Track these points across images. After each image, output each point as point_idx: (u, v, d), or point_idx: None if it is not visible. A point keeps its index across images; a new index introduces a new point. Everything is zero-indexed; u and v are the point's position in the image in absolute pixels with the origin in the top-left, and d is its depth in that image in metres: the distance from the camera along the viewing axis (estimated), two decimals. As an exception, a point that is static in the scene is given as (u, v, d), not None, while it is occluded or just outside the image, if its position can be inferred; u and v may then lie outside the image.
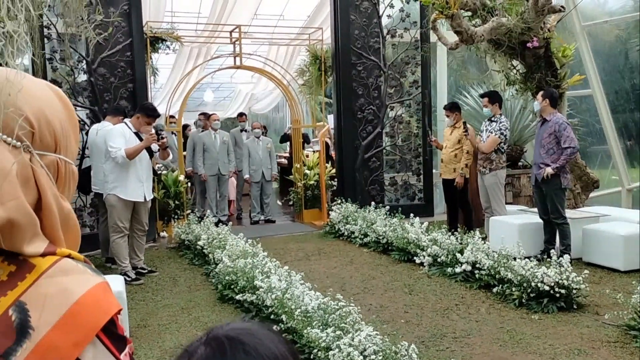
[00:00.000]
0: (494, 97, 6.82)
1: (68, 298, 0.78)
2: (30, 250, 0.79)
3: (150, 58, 8.59)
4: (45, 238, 0.82)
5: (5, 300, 0.76)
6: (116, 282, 4.34)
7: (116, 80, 7.50)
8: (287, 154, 11.62)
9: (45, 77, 6.64)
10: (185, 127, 10.59)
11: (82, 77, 7.41)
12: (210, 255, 6.09)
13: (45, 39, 6.84)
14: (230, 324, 0.83)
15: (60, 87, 7.10)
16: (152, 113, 5.98)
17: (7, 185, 0.78)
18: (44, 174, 0.83)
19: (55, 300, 0.77)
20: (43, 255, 0.80)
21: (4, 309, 0.76)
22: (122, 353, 0.82)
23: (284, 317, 4.03)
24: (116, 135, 5.79)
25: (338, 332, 3.54)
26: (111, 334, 0.80)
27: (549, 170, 5.83)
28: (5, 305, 0.76)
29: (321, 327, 3.69)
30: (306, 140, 11.41)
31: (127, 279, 5.70)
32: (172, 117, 9.49)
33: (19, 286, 0.78)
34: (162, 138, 5.98)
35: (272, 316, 4.28)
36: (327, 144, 10.03)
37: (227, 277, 5.15)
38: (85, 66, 7.37)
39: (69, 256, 0.83)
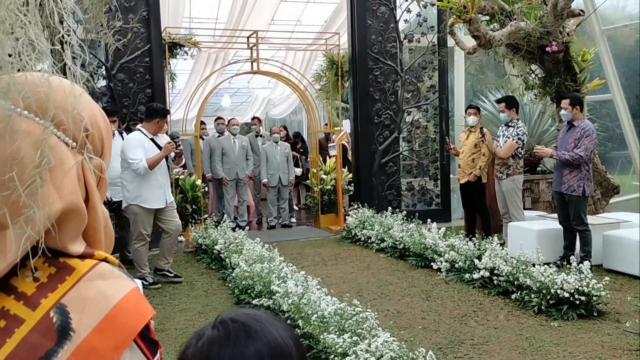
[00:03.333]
0: (510, 102, 6.76)
1: (107, 302, 0.79)
2: (74, 249, 0.81)
3: (169, 63, 8.65)
4: (83, 240, 0.84)
5: (46, 302, 0.78)
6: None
7: (135, 85, 7.57)
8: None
9: (65, 83, 6.72)
10: None
11: (102, 83, 7.50)
12: (227, 259, 6.11)
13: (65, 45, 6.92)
14: (239, 309, 0.88)
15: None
16: (166, 112, 6.04)
17: (67, 180, 0.81)
18: (92, 176, 0.86)
19: (95, 303, 0.79)
20: (82, 256, 0.82)
21: (45, 310, 0.77)
22: (155, 357, 0.84)
23: (300, 322, 4.02)
24: (134, 145, 5.66)
25: (355, 338, 3.52)
26: (145, 338, 0.82)
27: (551, 151, 5.86)
28: (47, 307, 0.77)
29: (338, 333, 3.67)
30: (302, 140, 11.48)
31: (145, 282, 5.73)
32: (219, 118, 9.55)
33: (59, 288, 0.79)
34: (179, 145, 5.91)
35: (288, 321, 4.27)
36: (345, 147, 10.02)
37: (243, 282, 5.16)
38: (104, 72, 7.45)
39: (105, 260, 0.85)
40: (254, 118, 10.60)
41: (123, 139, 5.79)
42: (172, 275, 6.12)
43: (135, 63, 7.56)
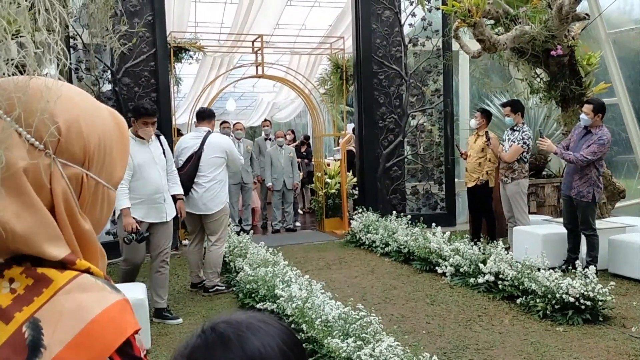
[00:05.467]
0: (515, 107, 6.75)
1: (84, 316, 0.74)
2: (52, 252, 0.77)
3: (174, 68, 8.68)
4: (68, 247, 0.79)
5: (20, 316, 0.73)
6: (137, 289, 4.38)
7: (140, 89, 7.59)
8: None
9: (70, 87, 6.74)
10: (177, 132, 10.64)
11: (107, 87, 7.52)
12: (231, 263, 6.11)
13: (71, 49, 6.96)
14: (226, 316, 0.85)
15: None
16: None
17: (7, 180, 0.75)
18: (62, 184, 0.79)
19: (71, 318, 0.74)
20: (62, 266, 0.78)
21: (18, 324, 0.73)
22: None
23: (304, 326, 4.01)
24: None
25: (359, 343, 3.51)
26: (126, 355, 0.77)
27: (555, 147, 5.82)
28: (20, 321, 0.73)
29: (342, 337, 3.66)
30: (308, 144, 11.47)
31: (221, 288, 5.78)
32: (225, 122, 9.51)
33: (35, 301, 0.75)
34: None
35: (292, 325, 4.27)
36: (352, 152, 10.02)
37: (247, 286, 5.16)
38: (110, 76, 7.48)
39: (88, 271, 0.80)
40: (265, 120, 10.62)
41: (161, 142, 5.02)
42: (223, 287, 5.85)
43: (140, 67, 7.58)
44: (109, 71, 7.45)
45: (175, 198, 5.12)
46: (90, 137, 0.82)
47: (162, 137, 5.12)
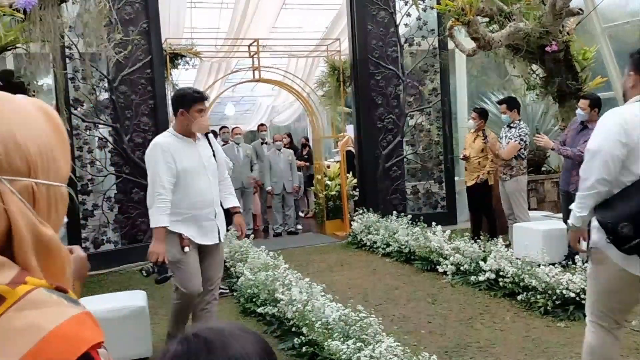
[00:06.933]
0: (512, 104, 6.75)
1: (35, 334, 0.70)
2: None
3: (170, 74, 8.69)
4: (15, 266, 0.76)
5: None
6: (138, 297, 4.39)
7: (137, 97, 7.61)
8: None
9: (67, 96, 6.76)
10: None
11: (104, 95, 7.54)
12: (231, 268, 6.11)
13: (67, 59, 6.98)
14: (208, 324, 0.87)
15: (83, 105, 7.26)
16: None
17: None
18: (15, 201, 0.77)
19: (22, 336, 0.70)
20: (12, 284, 0.74)
21: None
22: None
23: (304, 329, 4.02)
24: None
25: (359, 344, 3.51)
26: None
27: (552, 143, 5.79)
28: None
29: (342, 339, 3.66)
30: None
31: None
32: (224, 127, 9.53)
33: None
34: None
35: (293, 328, 4.27)
36: (352, 153, 10.02)
37: (248, 290, 5.17)
38: (106, 84, 7.49)
39: (44, 286, 0.77)
40: (261, 125, 10.63)
41: (210, 142, 3.96)
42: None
43: (136, 75, 7.60)
44: (106, 80, 7.47)
45: (229, 212, 4.03)
46: (28, 146, 0.80)
47: (211, 135, 4.00)
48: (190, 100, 3.66)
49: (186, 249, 3.71)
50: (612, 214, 2.59)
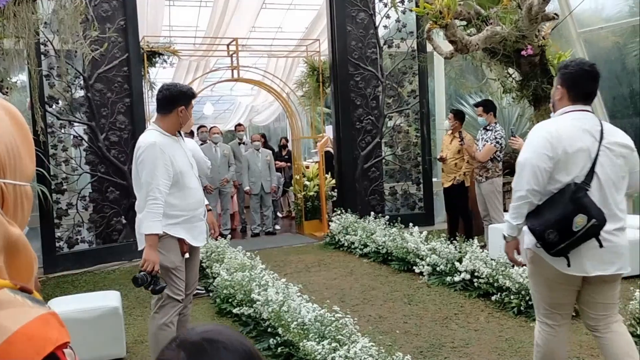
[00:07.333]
0: (488, 106, 6.84)
1: None
2: None
3: (148, 72, 8.61)
4: None
5: None
6: (112, 297, 4.35)
7: (113, 95, 7.52)
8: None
9: (42, 94, 6.67)
10: None
11: (80, 93, 7.44)
12: (208, 269, 6.07)
13: (42, 56, 6.88)
14: (195, 328, 0.85)
15: (58, 103, 7.16)
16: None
17: None
18: None
19: None
20: None
21: None
22: None
23: (280, 330, 4.01)
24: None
25: (334, 344, 3.52)
26: None
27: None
28: None
29: (317, 340, 3.66)
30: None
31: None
32: (202, 126, 9.46)
33: None
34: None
35: (269, 329, 4.27)
36: (330, 153, 10.03)
37: (224, 291, 5.14)
38: (82, 82, 7.40)
39: (21, 288, 0.76)
40: (238, 125, 10.58)
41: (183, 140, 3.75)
42: None
43: (113, 73, 7.52)
44: (81, 77, 7.37)
45: None
46: None
47: (181, 132, 3.75)
48: (190, 96, 3.56)
49: (187, 255, 3.58)
50: (540, 221, 2.75)
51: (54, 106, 7.19)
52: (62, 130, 7.29)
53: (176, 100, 3.48)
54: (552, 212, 2.73)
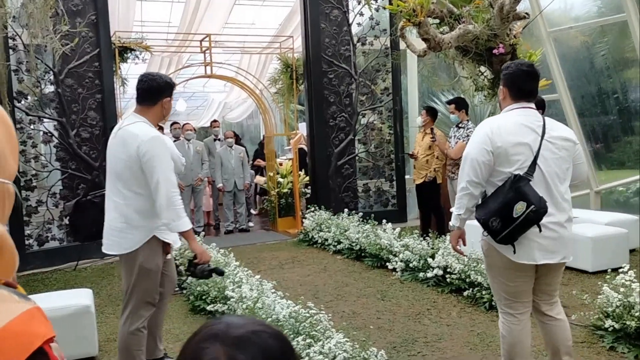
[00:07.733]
0: (460, 104, 6.92)
1: None
2: None
3: (119, 68, 8.50)
4: None
5: None
6: (83, 295, 4.30)
7: (84, 91, 7.41)
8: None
9: (10, 89, 6.54)
10: None
11: (49, 89, 7.31)
12: (181, 266, 6.02)
13: (11, 50, 6.74)
14: (224, 319, 0.82)
15: (27, 98, 7.03)
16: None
17: None
18: None
19: None
20: None
21: None
22: None
23: (255, 326, 4.00)
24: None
25: (309, 340, 3.53)
26: None
27: None
28: None
29: (292, 336, 3.68)
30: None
31: None
32: (175, 123, 9.36)
33: None
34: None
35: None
36: (304, 151, 10.04)
37: (198, 288, 5.12)
38: (52, 77, 7.27)
39: (5, 283, 0.76)
40: (214, 121, 10.52)
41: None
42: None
43: (84, 68, 7.40)
44: (51, 72, 7.24)
45: None
46: None
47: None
48: (173, 87, 3.39)
49: (169, 255, 3.48)
50: (485, 210, 2.94)
51: (22, 102, 7.05)
52: (32, 127, 7.17)
53: (162, 90, 3.31)
54: (495, 201, 2.89)
